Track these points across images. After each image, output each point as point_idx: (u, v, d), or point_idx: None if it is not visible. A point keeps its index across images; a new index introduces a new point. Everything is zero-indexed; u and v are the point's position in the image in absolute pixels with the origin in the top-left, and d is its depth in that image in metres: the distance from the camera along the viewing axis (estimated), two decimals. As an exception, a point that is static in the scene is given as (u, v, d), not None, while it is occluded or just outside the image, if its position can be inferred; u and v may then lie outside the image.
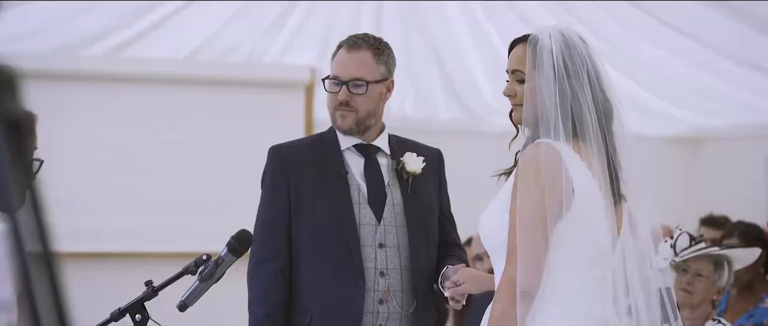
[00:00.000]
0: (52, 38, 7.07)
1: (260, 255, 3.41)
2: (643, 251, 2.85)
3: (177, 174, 7.41)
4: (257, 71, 7.73)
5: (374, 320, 3.36)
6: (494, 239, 2.82)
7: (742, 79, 7.28)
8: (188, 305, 2.94)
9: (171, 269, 2.95)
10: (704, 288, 4.07)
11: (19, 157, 1.15)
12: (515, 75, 2.87)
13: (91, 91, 7.26)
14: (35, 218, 1.16)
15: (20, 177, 1.14)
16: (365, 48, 3.44)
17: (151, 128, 7.43)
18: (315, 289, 3.38)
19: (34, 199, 1.16)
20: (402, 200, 3.44)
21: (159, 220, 7.34)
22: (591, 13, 7.09)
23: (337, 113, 3.44)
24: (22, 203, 1.15)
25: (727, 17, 6.54)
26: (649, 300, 2.82)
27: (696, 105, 8.03)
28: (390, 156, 3.49)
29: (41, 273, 1.15)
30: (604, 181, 2.78)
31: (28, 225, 1.15)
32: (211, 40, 7.43)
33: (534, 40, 2.82)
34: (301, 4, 7.27)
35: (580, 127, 2.77)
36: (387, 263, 3.39)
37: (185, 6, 7.06)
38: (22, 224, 1.15)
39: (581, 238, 2.74)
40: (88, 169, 7.20)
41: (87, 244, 6.93)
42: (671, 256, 4.05)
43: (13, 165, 1.14)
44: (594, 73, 2.80)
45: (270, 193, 3.45)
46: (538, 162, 2.71)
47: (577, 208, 2.72)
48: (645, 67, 7.70)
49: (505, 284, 2.70)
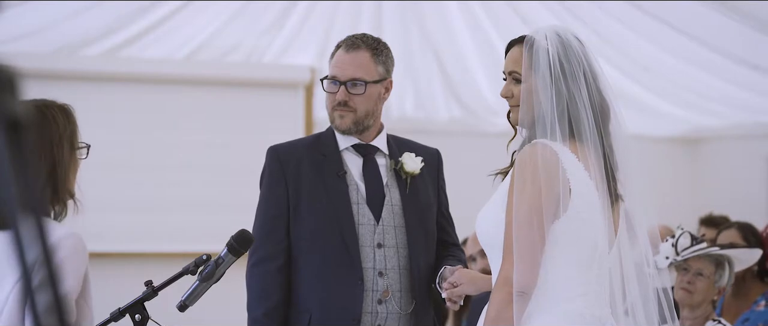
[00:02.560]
0: (52, 38, 7.07)
1: (259, 255, 3.41)
2: (640, 251, 2.85)
3: (177, 174, 7.41)
4: (257, 71, 7.73)
5: (373, 320, 3.36)
6: (491, 238, 2.83)
7: (742, 79, 7.28)
8: (188, 305, 2.94)
9: (171, 269, 2.95)
10: (705, 287, 4.07)
11: (19, 157, 1.15)
12: (512, 76, 2.88)
13: (91, 91, 7.26)
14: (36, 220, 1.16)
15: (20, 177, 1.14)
16: (363, 48, 3.44)
17: (151, 128, 7.43)
18: (314, 289, 3.38)
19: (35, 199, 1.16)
20: (400, 200, 3.44)
21: (159, 220, 7.34)
22: (591, 13, 7.10)
23: (336, 113, 3.44)
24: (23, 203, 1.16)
25: (727, 17, 6.54)
26: (646, 300, 2.83)
27: (696, 105, 8.03)
28: (388, 156, 3.49)
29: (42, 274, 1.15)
30: (601, 181, 2.78)
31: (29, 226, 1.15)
32: (211, 40, 7.43)
33: (530, 41, 2.82)
34: (300, 4, 7.28)
35: (577, 127, 2.77)
36: (386, 263, 3.39)
37: (185, 6, 7.06)
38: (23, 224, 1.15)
39: (578, 238, 2.75)
40: (88, 169, 7.18)
41: (87, 244, 6.92)
42: (673, 255, 4.05)
43: (13, 166, 1.14)
44: (590, 73, 2.81)
45: (268, 193, 3.46)
46: (535, 162, 2.71)
47: (574, 208, 2.73)
48: (645, 67, 7.70)
49: (501, 283, 2.70)
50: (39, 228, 1.14)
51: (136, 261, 7.15)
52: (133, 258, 7.22)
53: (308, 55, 7.63)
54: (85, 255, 2.86)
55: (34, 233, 1.15)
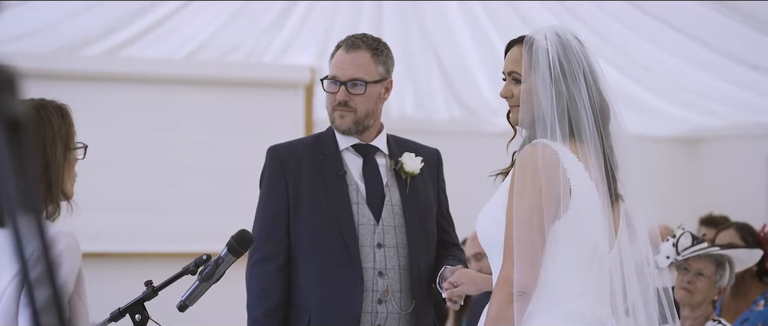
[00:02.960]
0: (52, 38, 7.08)
1: (259, 255, 3.41)
2: (641, 250, 2.85)
3: (177, 174, 7.41)
4: (257, 71, 7.73)
5: (373, 320, 3.36)
6: (491, 238, 2.83)
7: (742, 79, 7.28)
8: (188, 305, 2.94)
9: (171, 269, 2.95)
10: (705, 287, 4.07)
11: (20, 157, 1.15)
12: (512, 76, 2.88)
13: (91, 91, 7.26)
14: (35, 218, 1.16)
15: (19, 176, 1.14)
16: (363, 48, 3.44)
17: (151, 128, 7.43)
18: (314, 289, 3.38)
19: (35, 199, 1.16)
20: (400, 200, 3.44)
21: (159, 220, 7.34)
22: (591, 13, 7.10)
23: (336, 113, 3.44)
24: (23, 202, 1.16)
25: (727, 17, 6.54)
26: (646, 300, 2.83)
27: (696, 105, 8.03)
28: (388, 156, 3.49)
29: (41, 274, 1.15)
30: (601, 181, 2.78)
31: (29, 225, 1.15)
32: (211, 40, 7.43)
33: (530, 41, 2.82)
34: (300, 4, 7.28)
35: (577, 128, 2.77)
36: (386, 263, 3.39)
37: (185, 6, 7.06)
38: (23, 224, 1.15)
39: (578, 238, 2.75)
40: (88, 169, 7.18)
41: (87, 244, 6.89)
42: (673, 255, 4.05)
43: (13, 165, 1.14)
44: (590, 73, 2.81)
45: (268, 193, 3.46)
46: (536, 162, 2.71)
47: (575, 208, 2.73)
48: (645, 67, 7.70)
49: (501, 283, 2.70)
50: (38, 226, 1.14)
51: (136, 261, 7.15)
52: (133, 258, 7.22)
53: (308, 55, 7.63)
54: (79, 254, 2.86)
55: (33, 231, 1.15)
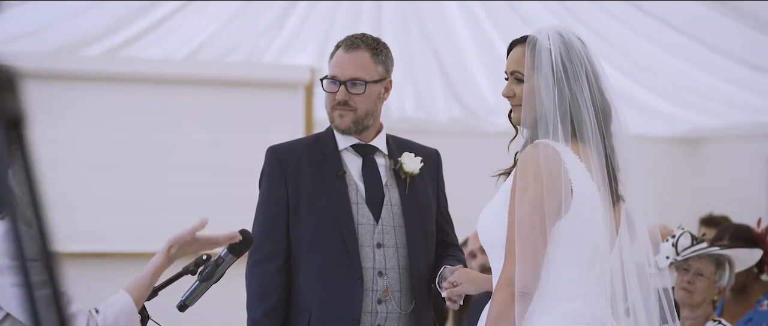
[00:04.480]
0: (52, 38, 7.07)
1: (258, 255, 3.41)
2: (641, 251, 2.85)
3: (177, 174, 7.41)
4: (257, 71, 7.73)
5: (373, 320, 3.37)
6: (493, 238, 2.83)
7: (742, 79, 7.28)
8: (188, 305, 2.94)
9: (171, 269, 2.95)
10: (705, 287, 4.07)
11: (20, 157, 1.15)
12: (514, 76, 2.88)
13: (91, 91, 7.26)
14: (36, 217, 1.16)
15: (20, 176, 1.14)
16: (363, 48, 3.44)
17: (151, 128, 7.42)
18: (313, 289, 3.38)
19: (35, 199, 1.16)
20: (400, 200, 3.44)
21: (159, 220, 7.33)
22: (591, 13, 7.10)
23: (335, 113, 3.44)
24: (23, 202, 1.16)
25: (727, 17, 6.55)
26: (647, 301, 2.83)
27: (696, 105, 8.03)
28: (388, 156, 3.50)
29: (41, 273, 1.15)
30: (603, 182, 2.78)
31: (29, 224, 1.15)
32: (211, 40, 7.43)
33: (532, 41, 2.82)
34: (300, 4, 7.28)
35: (579, 128, 2.77)
36: (385, 263, 3.39)
37: (185, 6, 7.06)
38: (23, 223, 1.15)
39: (579, 239, 2.75)
40: (88, 169, 7.20)
41: (87, 244, 6.93)
42: (673, 255, 4.05)
43: (13, 165, 1.14)
44: (592, 74, 2.81)
45: (268, 193, 3.46)
46: (538, 162, 2.71)
47: (576, 209, 2.73)
48: (645, 67, 7.70)
49: (502, 283, 2.70)
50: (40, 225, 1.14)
51: (136, 261, 7.10)
52: (133, 258, 7.20)
53: (308, 55, 7.63)
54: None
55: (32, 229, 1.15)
